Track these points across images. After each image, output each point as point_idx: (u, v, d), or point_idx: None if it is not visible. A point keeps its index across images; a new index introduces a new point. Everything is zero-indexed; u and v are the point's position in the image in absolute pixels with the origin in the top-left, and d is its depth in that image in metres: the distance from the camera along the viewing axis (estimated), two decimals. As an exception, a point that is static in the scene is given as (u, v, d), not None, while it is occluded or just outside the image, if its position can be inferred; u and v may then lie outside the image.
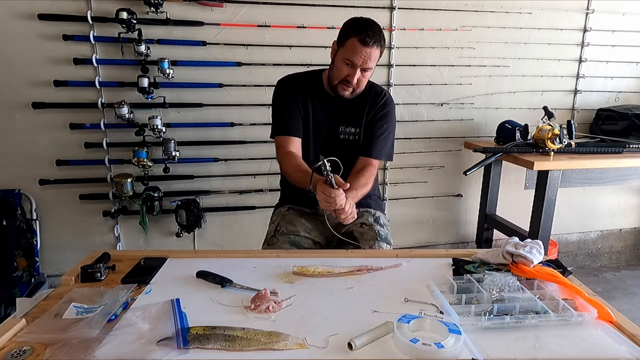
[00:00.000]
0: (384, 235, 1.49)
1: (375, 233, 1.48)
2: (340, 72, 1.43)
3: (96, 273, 1.08)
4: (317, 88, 1.54)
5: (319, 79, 1.56)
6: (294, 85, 1.56)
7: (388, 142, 1.59)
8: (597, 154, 2.23)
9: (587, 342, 0.84)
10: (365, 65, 1.39)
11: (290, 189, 1.64)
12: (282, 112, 1.54)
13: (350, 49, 1.38)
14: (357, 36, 1.36)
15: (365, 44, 1.36)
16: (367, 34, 1.36)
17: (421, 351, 0.77)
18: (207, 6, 2.16)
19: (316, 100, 1.54)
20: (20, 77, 2.08)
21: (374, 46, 1.37)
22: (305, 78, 1.57)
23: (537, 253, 1.10)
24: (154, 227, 2.38)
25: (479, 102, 2.61)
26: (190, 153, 2.30)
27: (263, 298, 0.95)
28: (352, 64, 1.39)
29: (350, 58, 1.38)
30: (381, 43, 1.40)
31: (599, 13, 2.60)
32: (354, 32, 1.38)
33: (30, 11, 2.01)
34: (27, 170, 2.19)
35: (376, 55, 1.40)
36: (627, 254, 3.13)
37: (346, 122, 1.55)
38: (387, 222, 1.60)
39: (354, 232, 1.50)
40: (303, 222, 1.55)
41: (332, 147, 1.54)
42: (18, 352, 0.78)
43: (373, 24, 1.41)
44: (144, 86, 2.08)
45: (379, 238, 1.46)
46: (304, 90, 1.54)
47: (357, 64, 1.38)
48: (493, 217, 2.63)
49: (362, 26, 1.38)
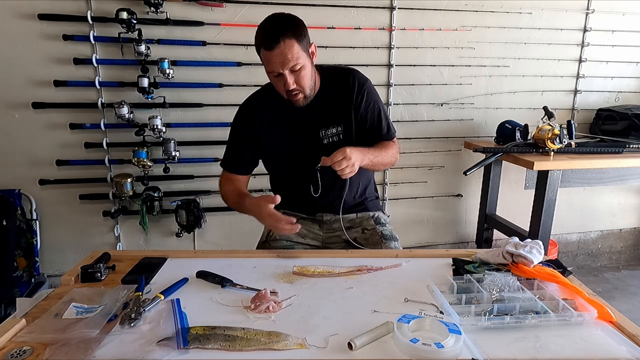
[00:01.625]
0: (388, 234, 1.47)
1: (380, 235, 1.46)
2: (278, 87, 1.33)
3: (96, 273, 1.08)
4: (282, 103, 1.38)
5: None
6: (251, 111, 1.45)
7: (386, 116, 1.48)
8: (597, 154, 2.23)
9: (587, 342, 0.84)
10: (288, 66, 1.24)
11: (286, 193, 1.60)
12: (232, 146, 1.50)
13: (266, 62, 1.28)
14: (262, 46, 1.25)
15: (270, 48, 1.22)
16: (267, 37, 1.23)
17: (421, 351, 0.77)
18: (207, 6, 2.16)
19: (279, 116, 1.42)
20: (20, 77, 2.08)
21: (281, 42, 1.21)
22: (268, 93, 1.44)
23: (537, 253, 1.10)
24: (154, 227, 2.38)
25: (479, 102, 2.61)
26: (190, 153, 2.30)
27: (263, 298, 0.95)
28: (277, 73, 1.27)
29: (271, 70, 1.27)
30: (287, 34, 1.22)
31: (599, 13, 2.60)
32: (258, 43, 1.27)
33: (31, 11, 2.01)
34: (27, 170, 2.19)
35: (290, 47, 1.22)
36: (627, 254, 3.13)
37: (323, 124, 1.40)
38: (387, 219, 1.57)
39: (358, 239, 1.47)
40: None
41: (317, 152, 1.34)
42: (18, 352, 0.78)
43: (271, 21, 1.27)
44: (144, 86, 2.08)
45: (384, 239, 1.44)
46: (269, 112, 1.43)
47: (280, 71, 1.25)
48: (493, 217, 2.63)
49: (261, 32, 1.26)
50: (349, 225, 1.50)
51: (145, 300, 0.94)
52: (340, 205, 1.44)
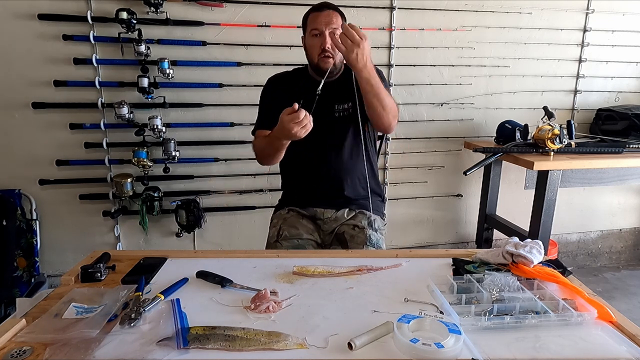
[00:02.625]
0: (374, 240, 1.48)
1: (366, 237, 1.47)
2: (313, 47, 1.47)
3: (96, 273, 1.08)
4: (305, 80, 1.56)
5: (305, 71, 1.61)
6: (282, 82, 1.60)
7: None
8: (597, 154, 2.23)
9: (587, 342, 0.84)
10: (331, 27, 1.43)
11: (293, 190, 1.64)
12: (268, 108, 1.55)
13: (311, 22, 1.47)
14: (312, 10, 1.48)
15: (320, 9, 1.46)
16: (320, 5, 1.48)
17: (421, 351, 0.77)
18: (207, 6, 2.16)
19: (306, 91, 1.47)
20: (20, 77, 2.08)
21: (330, 10, 1.46)
22: (293, 74, 1.64)
23: (537, 253, 1.10)
24: (154, 227, 2.38)
25: (479, 102, 2.61)
26: (190, 153, 2.30)
27: (263, 298, 0.95)
28: (318, 31, 1.44)
29: (314, 27, 1.45)
30: (336, 10, 1.48)
31: (599, 13, 2.60)
32: (308, 13, 1.50)
33: (30, 11, 2.01)
34: (27, 170, 2.19)
35: (336, 16, 1.46)
36: (627, 254, 3.13)
37: (339, 100, 1.55)
38: (382, 227, 1.58)
39: (345, 234, 1.50)
40: (305, 224, 1.55)
41: (328, 124, 1.52)
42: (18, 352, 0.78)
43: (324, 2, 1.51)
44: (144, 86, 2.08)
45: (368, 243, 1.46)
46: (292, 85, 1.57)
47: (322, 29, 1.43)
48: (493, 217, 2.63)
49: (313, 5, 1.50)
50: (345, 218, 1.55)
51: (145, 300, 0.93)
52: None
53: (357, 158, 1.56)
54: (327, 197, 1.56)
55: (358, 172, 1.57)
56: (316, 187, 1.57)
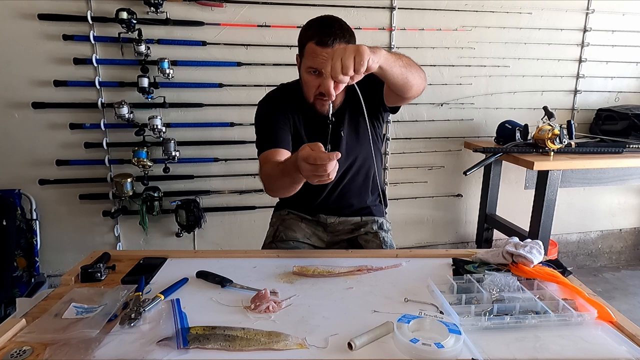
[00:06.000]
0: (389, 242, 1.50)
1: (381, 241, 1.48)
2: (310, 86, 1.26)
3: (96, 273, 1.08)
4: (302, 101, 1.35)
5: (299, 90, 1.36)
6: (278, 104, 1.38)
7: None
8: (597, 154, 2.23)
9: (587, 342, 0.84)
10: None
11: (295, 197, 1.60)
12: (268, 126, 1.35)
13: (310, 56, 1.20)
14: (313, 39, 1.18)
15: (323, 44, 1.17)
16: (323, 33, 1.17)
17: (421, 351, 0.77)
18: (207, 6, 2.16)
19: (304, 115, 1.37)
20: (20, 77, 2.08)
21: (336, 44, 1.17)
22: (288, 93, 1.40)
23: (537, 253, 1.10)
24: (154, 227, 2.38)
25: (479, 102, 2.61)
26: (190, 153, 2.30)
27: (263, 298, 0.95)
28: (317, 72, 1.21)
29: (314, 65, 1.21)
30: (345, 38, 1.20)
31: (599, 13, 2.60)
32: (309, 36, 1.20)
33: (31, 11, 2.01)
34: (27, 170, 2.19)
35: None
36: (627, 254, 3.13)
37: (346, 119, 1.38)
38: (389, 227, 1.58)
39: (359, 239, 1.49)
40: (303, 227, 1.52)
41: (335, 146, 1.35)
42: (18, 352, 0.78)
43: (329, 20, 1.23)
44: (144, 86, 2.08)
45: (384, 246, 1.46)
46: (289, 107, 1.37)
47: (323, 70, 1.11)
48: (493, 217, 2.63)
49: (317, 27, 1.21)
50: (353, 228, 1.52)
51: (145, 300, 0.94)
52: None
53: (365, 172, 1.46)
54: (333, 208, 1.51)
55: (365, 186, 1.50)
56: (321, 200, 1.48)
